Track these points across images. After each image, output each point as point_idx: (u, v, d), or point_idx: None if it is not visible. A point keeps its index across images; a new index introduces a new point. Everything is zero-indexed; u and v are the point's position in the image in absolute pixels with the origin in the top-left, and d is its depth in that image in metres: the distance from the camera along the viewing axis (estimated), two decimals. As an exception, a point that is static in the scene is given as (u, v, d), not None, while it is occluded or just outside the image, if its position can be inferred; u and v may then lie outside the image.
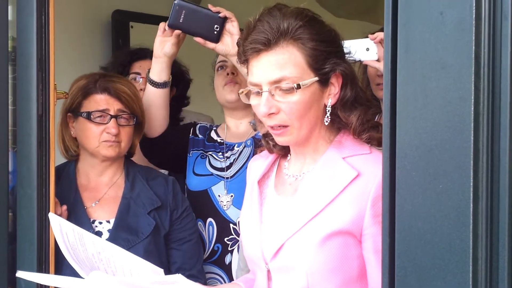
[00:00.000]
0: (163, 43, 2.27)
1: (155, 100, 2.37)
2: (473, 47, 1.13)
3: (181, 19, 2.20)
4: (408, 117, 1.20)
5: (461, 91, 1.14)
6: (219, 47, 2.23)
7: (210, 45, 2.23)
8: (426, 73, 1.18)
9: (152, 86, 2.35)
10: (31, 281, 1.91)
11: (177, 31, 2.24)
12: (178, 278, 1.35)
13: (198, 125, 2.62)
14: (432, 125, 1.17)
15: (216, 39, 2.21)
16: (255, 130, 2.21)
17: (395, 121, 1.22)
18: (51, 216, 1.66)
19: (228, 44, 2.22)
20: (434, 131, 1.17)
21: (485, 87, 1.13)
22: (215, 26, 2.20)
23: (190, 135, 2.57)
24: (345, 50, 1.67)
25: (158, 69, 2.32)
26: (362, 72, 2.53)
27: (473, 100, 1.13)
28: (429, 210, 1.18)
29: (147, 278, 1.43)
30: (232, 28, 2.21)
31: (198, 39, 2.23)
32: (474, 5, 1.13)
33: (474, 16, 1.13)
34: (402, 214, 1.21)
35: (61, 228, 1.60)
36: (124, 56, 2.96)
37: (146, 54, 2.90)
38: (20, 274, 1.61)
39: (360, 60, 2.05)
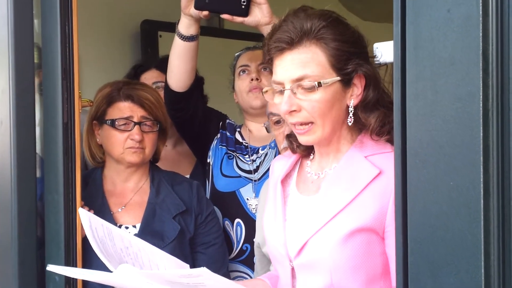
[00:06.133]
0: (190, 2, 2.22)
1: (181, 52, 2.34)
2: (481, 43, 1.13)
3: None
4: (418, 114, 1.21)
5: (469, 87, 1.14)
6: (248, 20, 2.18)
7: (238, 19, 2.18)
8: (435, 70, 1.19)
9: (179, 38, 2.31)
10: (59, 284, 1.96)
11: (205, 12, 2.20)
12: (203, 271, 1.37)
13: (227, 120, 2.64)
14: (442, 122, 1.18)
15: (245, 12, 2.16)
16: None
17: (405, 118, 1.23)
18: (81, 211, 1.69)
19: (257, 14, 2.17)
20: (444, 128, 1.17)
21: (493, 82, 1.13)
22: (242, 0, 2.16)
23: (221, 127, 2.59)
24: (375, 53, 1.67)
25: (186, 24, 2.28)
26: (391, 74, 2.52)
27: (481, 96, 1.13)
28: (441, 206, 1.18)
29: (173, 272, 1.46)
30: None
31: (225, 16, 2.19)
32: (481, 1, 1.13)
33: (481, 12, 1.13)
34: (414, 211, 1.22)
35: (90, 223, 1.64)
36: (129, 72, 2.99)
37: (150, 64, 2.94)
38: (50, 268, 1.65)
39: (385, 63, 2.04)
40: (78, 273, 1.78)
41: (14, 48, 2.08)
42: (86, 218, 1.63)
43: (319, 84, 1.55)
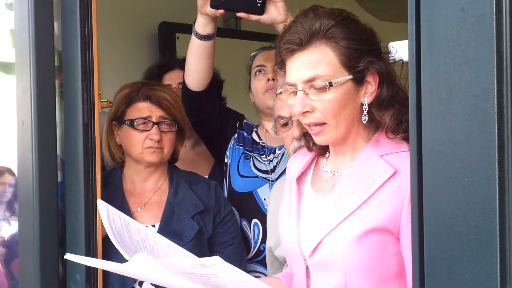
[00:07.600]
0: (206, 1, 2.24)
1: (198, 51, 2.35)
2: (495, 41, 1.14)
3: None
4: (433, 112, 1.22)
5: (484, 84, 1.15)
6: (264, 18, 2.20)
7: (254, 17, 2.20)
8: (449, 68, 1.19)
9: (196, 37, 2.32)
10: (80, 282, 1.99)
11: (221, 11, 2.22)
12: (216, 260, 1.36)
13: (244, 120, 2.65)
14: (456, 119, 1.18)
15: (261, 10, 2.18)
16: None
17: (421, 116, 1.24)
18: (99, 202, 1.70)
19: (273, 12, 2.19)
20: (459, 125, 1.18)
21: (508, 80, 1.14)
22: None
23: (238, 126, 2.61)
24: (390, 51, 1.67)
25: (203, 23, 2.30)
26: (406, 71, 2.52)
27: (496, 93, 1.13)
28: (456, 203, 1.18)
29: (186, 261, 1.45)
30: None
31: (241, 14, 2.20)
32: (494, -1, 1.14)
33: (494, 10, 1.14)
34: (430, 208, 1.22)
35: (108, 214, 1.65)
36: (153, 71, 3.00)
37: (175, 64, 2.95)
38: (68, 256, 1.67)
39: (401, 60, 2.05)
40: (94, 262, 1.80)
41: (35, 50, 2.12)
42: (104, 208, 1.65)
43: (330, 84, 1.55)
